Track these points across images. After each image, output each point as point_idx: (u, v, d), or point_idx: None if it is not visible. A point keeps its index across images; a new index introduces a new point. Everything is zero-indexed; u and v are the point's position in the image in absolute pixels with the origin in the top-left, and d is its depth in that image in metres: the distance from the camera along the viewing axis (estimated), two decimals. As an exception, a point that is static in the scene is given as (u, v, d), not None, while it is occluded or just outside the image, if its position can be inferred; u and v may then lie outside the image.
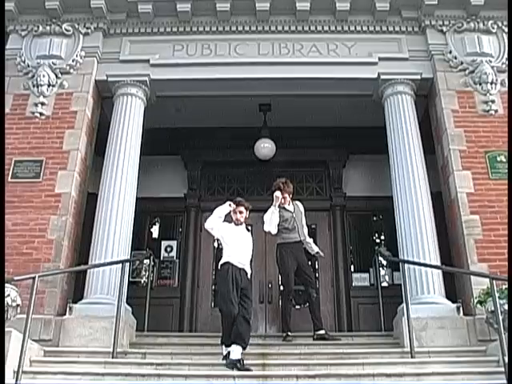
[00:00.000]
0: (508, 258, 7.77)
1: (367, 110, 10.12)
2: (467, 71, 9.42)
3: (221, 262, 7.29)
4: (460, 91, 9.34)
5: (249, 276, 7.35)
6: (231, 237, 7.38)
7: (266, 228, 8.38)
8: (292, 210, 8.62)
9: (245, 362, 6.50)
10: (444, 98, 9.29)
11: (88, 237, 8.82)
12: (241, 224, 7.53)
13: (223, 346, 6.84)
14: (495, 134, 8.90)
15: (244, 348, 6.66)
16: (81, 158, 9.05)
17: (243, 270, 7.20)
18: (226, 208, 7.53)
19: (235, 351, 6.56)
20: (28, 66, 9.54)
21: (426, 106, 9.98)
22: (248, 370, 6.35)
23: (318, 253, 8.68)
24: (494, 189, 8.56)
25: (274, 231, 8.38)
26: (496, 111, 9.09)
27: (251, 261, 7.58)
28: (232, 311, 6.74)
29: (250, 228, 7.85)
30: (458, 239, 8.60)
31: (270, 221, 8.32)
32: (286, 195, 8.55)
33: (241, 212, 7.50)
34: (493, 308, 6.53)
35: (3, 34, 9.81)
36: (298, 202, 8.87)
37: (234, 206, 7.54)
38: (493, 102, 9.13)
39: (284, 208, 8.54)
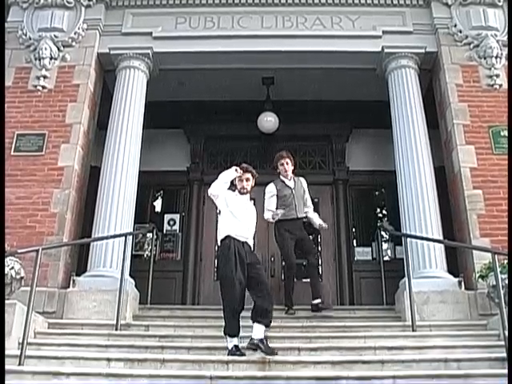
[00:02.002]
0: (508, 232, 7.79)
1: (371, 84, 10.06)
2: (472, 45, 9.34)
3: (221, 237, 6.57)
4: (464, 65, 9.27)
5: (252, 249, 6.72)
6: (236, 207, 6.65)
7: (265, 216, 8.22)
8: (292, 186, 8.42)
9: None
10: (448, 72, 9.23)
11: (91, 210, 8.86)
12: (246, 193, 6.85)
13: (227, 337, 6.13)
14: (499, 109, 8.85)
15: (268, 326, 6.14)
16: (83, 132, 9.04)
17: (246, 243, 6.52)
18: (232, 173, 6.78)
19: (258, 330, 6.02)
20: (30, 38, 9.47)
21: (430, 80, 9.92)
22: (274, 353, 5.92)
23: (320, 225, 8.49)
24: (497, 164, 8.54)
25: (272, 219, 8.20)
26: (500, 86, 9.02)
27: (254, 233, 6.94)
28: (235, 301, 6.10)
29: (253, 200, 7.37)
30: (460, 214, 8.61)
31: (266, 209, 8.24)
32: (290, 166, 8.45)
33: (247, 179, 6.81)
34: (494, 282, 6.56)
35: (3, 6, 9.72)
36: (301, 179, 8.65)
37: (241, 172, 6.82)
38: (497, 76, 9.07)
39: (284, 183, 8.41)
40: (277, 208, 8.22)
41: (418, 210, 8.43)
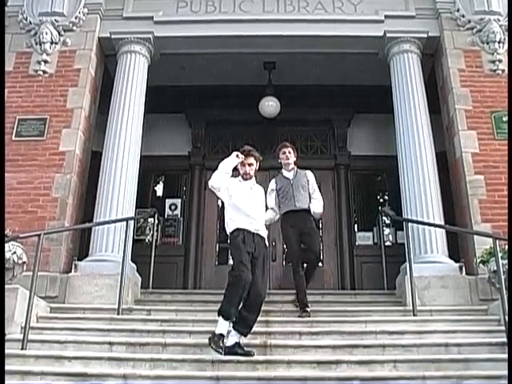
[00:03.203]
0: (508, 218, 7.79)
1: (373, 69, 10.01)
2: (475, 30, 9.29)
3: (230, 230, 6.11)
4: (467, 50, 9.23)
5: (266, 241, 6.23)
6: (240, 197, 6.17)
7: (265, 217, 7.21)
8: (290, 178, 7.80)
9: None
10: (450, 57, 9.19)
11: (92, 195, 8.88)
12: (250, 178, 6.36)
13: (224, 321, 5.63)
14: (501, 94, 8.81)
15: (245, 335, 5.76)
16: (85, 116, 9.04)
17: (257, 235, 6.06)
18: (233, 160, 6.27)
19: (234, 337, 5.68)
20: (30, 23, 9.43)
21: (432, 65, 9.89)
22: (250, 354, 5.58)
23: (314, 212, 7.74)
24: (498, 149, 8.52)
25: (274, 216, 7.74)
26: (503, 71, 8.98)
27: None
28: (245, 276, 5.64)
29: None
30: (462, 199, 8.61)
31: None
32: (291, 155, 7.90)
33: (250, 164, 6.32)
34: (495, 268, 6.58)
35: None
36: (307, 172, 7.95)
37: (243, 156, 6.32)
38: (500, 61, 9.02)
39: (282, 175, 7.92)
40: (278, 205, 7.76)
41: (419, 195, 8.44)
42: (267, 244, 6.27)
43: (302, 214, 7.63)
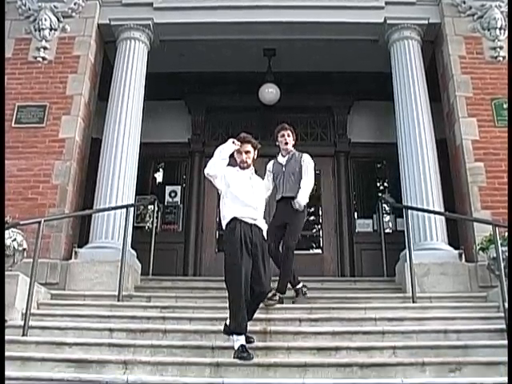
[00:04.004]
0: (508, 205, 7.79)
1: (373, 56, 9.97)
2: (476, 16, 9.23)
3: (226, 220, 5.74)
4: (468, 37, 9.18)
5: (264, 233, 5.85)
6: (238, 186, 5.80)
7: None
8: (283, 163, 7.35)
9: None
10: (451, 44, 9.14)
11: (92, 182, 8.87)
12: (247, 167, 5.98)
13: (233, 336, 5.35)
14: (502, 81, 8.77)
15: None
16: (84, 103, 9.02)
17: (255, 225, 5.70)
18: (229, 147, 5.90)
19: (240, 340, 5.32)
20: (29, 9, 9.38)
21: (433, 52, 9.85)
22: (249, 341, 5.48)
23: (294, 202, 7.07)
24: (499, 136, 8.50)
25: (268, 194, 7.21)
26: (504, 57, 8.93)
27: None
28: (242, 292, 5.31)
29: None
30: (462, 186, 8.61)
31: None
32: (290, 138, 7.43)
33: (247, 152, 5.95)
34: (495, 255, 6.59)
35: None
36: (304, 155, 7.35)
37: (239, 143, 5.96)
38: (501, 48, 8.97)
39: (277, 159, 7.51)
40: (274, 187, 7.37)
41: (419, 182, 8.43)
42: (265, 236, 5.89)
43: (286, 202, 7.14)
